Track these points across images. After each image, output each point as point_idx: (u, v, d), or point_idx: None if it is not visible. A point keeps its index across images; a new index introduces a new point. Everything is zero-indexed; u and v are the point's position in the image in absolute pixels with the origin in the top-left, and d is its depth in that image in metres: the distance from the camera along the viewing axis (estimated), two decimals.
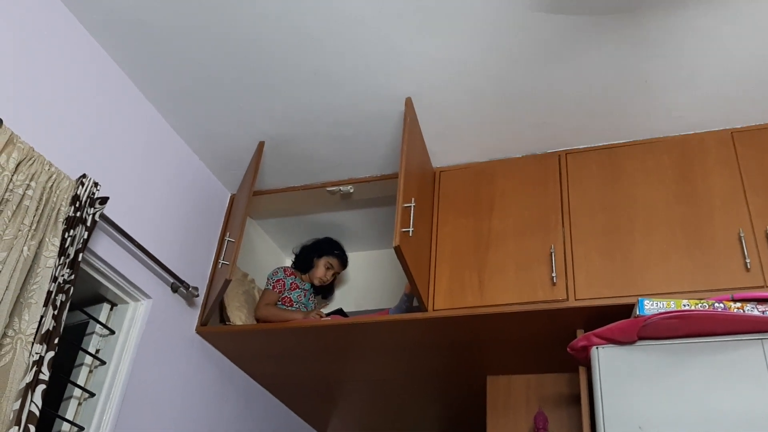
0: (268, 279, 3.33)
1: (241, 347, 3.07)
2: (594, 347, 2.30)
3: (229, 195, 3.37)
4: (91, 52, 2.54)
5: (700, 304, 2.21)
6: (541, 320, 2.57)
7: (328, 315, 3.11)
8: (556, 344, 2.63)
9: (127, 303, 2.65)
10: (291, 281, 3.32)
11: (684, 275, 2.43)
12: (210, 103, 2.83)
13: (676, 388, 2.14)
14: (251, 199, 2.95)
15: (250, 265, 3.47)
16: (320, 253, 3.45)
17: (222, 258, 2.86)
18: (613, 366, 2.24)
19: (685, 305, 2.22)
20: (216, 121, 2.93)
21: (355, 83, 2.69)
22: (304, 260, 3.46)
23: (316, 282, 3.43)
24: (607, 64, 2.52)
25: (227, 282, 2.67)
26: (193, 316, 2.97)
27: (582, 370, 2.44)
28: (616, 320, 2.29)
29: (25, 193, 2.04)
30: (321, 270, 3.42)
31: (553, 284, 2.55)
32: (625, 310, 2.39)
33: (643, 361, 2.21)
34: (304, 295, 3.33)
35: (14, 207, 1.99)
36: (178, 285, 2.80)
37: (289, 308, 3.22)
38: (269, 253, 3.75)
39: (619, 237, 2.58)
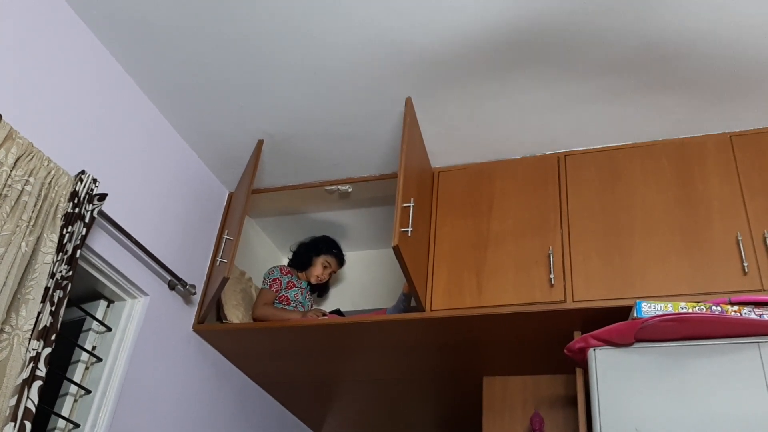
0: (264, 278, 3.33)
1: (238, 345, 3.07)
2: (591, 349, 2.30)
3: (227, 193, 3.37)
4: (92, 48, 2.54)
5: (697, 307, 2.22)
6: (539, 321, 2.58)
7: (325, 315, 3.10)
8: (553, 345, 2.63)
9: (124, 300, 2.64)
10: (287, 280, 3.31)
11: (682, 278, 2.43)
12: (209, 101, 2.83)
13: (673, 391, 2.14)
14: (250, 197, 2.95)
15: (248, 264, 3.46)
16: (318, 252, 3.45)
17: (220, 256, 2.85)
18: (610, 368, 2.24)
19: (682, 308, 2.23)
20: (215, 119, 2.92)
21: (354, 82, 2.68)
22: (301, 258, 3.46)
23: (313, 280, 3.43)
24: (606, 66, 2.52)
25: (225, 280, 2.67)
26: (190, 313, 2.96)
27: (579, 372, 2.45)
28: (613, 322, 2.29)
29: (23, 188, 2.03)
30: (318, 268, 3.42)
31: (551, 285, 2.55)
32: (623, 312, 2.39)
33: (640, 363, 2.22)
34: (301, 294, 3.33)
35: (12, 202, 1.99)
36: (175, 282, 2.80)
37: (287, 307, 3.21)
38: (267, 252, 3.74)
39: (617, 239, 2.58)
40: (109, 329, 2.58)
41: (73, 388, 2.44)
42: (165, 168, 2.89)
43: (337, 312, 3.21)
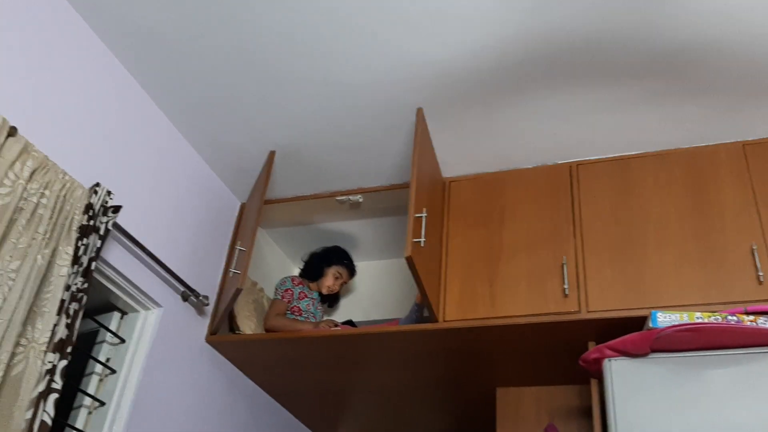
0: (276, 289, 3.33)
1: (251, 356, 3.07)
2: (606, 359, 2.28)
3: (239, 204, 3.37)
4: (106, 62, 2.55)
5: (713, 317, 2.21)
6: (553, 332, 2.56)
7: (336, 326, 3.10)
8: (568, 356, 2.62)
9: (137, 311, 2.65)
10: (299, 290, 3.31)
11: (697, 288, 2.42)
12: (222, 113, 2.84)
13: (690, 401, 2.12)
14: (262, 208, 2.95)
15: (259, 274, 3.47)
16: (329, 262, 3.45)
17: (233, 267, 2.86)
18: (625, 378, 2.23)
19: (698, 318, 2.21)
20: (227, 131, 2.94)
21: (365, 93, 2.69)
22: (313, 268, 3.46)
23: (325, 291, 3.42)
24: (618, 76, 2.51)
25: (238, 291, 2.66)
26: (203, 325, 2.96)
27: (594, 383, 2.43)
28: (628, 332, 2.28)
29: (39, 201, 2.04)
30: (330, 279, 3.42)
31: (565, 296, 2.54)
32: (638, 323, 2.38)
33: (655, 374, 2.20)
34: (313, 304, 3.33)
35: (28, 215, 1.99)
36: (188, 294, 2.80)
37: (299, 317, 3.21)
38: (278, 262, 3.75)
39: (631, 249, 2.57)
40: (122, 341, 2.58)
41: (87, 400, 2.44)
42: (178, 179, 2.90)
43: (349, 323, 3.20)
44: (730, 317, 2.20)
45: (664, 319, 2.24)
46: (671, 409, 2.13)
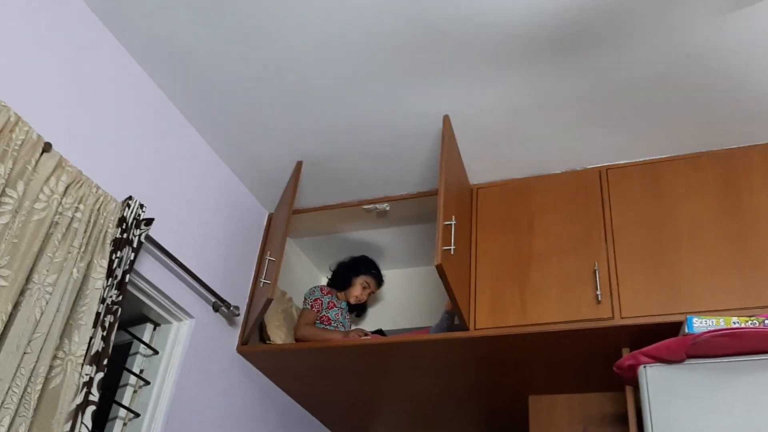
0: (305, 298, 3.34)
1: (282, 366, 3.07)
2: (641, 366, 2.26)
3: (267, 214, 3.39)
4: (136, 77, 2.59)
5: (750, 322, 2.17)
6: (586, 339, 2.54)
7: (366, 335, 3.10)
8: (601, 363, 2.59)
9: (170, 323, 2.67)
10: (328, 300, 3.32)
11: (732, 292, 2.38)
12: (250, 125, 2.86)
13: (727, 407, 2.09)
14: (291, 218, 2.96)
15: (287, 284, 3.47)
16: (357, 272, 3.45)
17: (263, 277, 2.87)
18: (661, 385, 2.20)
19: (734, 323, 2.18)
20: (255, 142, 2.96)
21: (392, 102, 2.69)
22: (341, 278, 3.46)
23: (353, 300, 3.43)
24: (648, 78, 2.49)
25: (269, 301, 2.67)
26: (234, 335, 2.98)
27: (629, 390, 2.40)
28: (663, 338, 2.25)
29: (73, 215, 2.07)
30: (358, 289, 3.42)
31: (598, 302, 2.51)
32: (673, 328, 2.34)
33: (692, 380, 2.17)
34: (341, 314, 3.33)
35: (63, 230, 2.02)
36: (219, 304, 2.82)
37: (328, 327, 3.21)
38: (305, 272, 3.76)
39: (664, 253, 2.54)
40: (156, 352, 2.60)
41: (122, 412, 2.47)
42: (207, 191, 2.93)
43: (379, 332, 3.20)
44: (767, 321, 2.16)
45: (700, 324, 2.21)
46: (708, 415, 2.09)
